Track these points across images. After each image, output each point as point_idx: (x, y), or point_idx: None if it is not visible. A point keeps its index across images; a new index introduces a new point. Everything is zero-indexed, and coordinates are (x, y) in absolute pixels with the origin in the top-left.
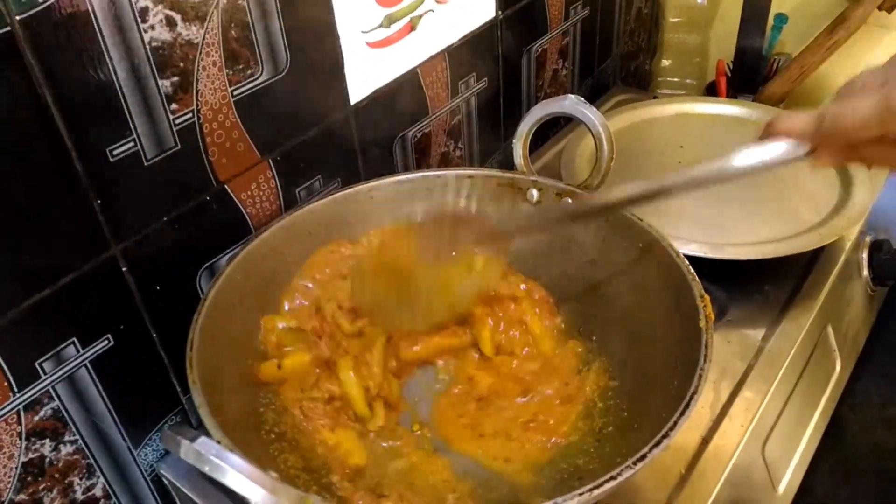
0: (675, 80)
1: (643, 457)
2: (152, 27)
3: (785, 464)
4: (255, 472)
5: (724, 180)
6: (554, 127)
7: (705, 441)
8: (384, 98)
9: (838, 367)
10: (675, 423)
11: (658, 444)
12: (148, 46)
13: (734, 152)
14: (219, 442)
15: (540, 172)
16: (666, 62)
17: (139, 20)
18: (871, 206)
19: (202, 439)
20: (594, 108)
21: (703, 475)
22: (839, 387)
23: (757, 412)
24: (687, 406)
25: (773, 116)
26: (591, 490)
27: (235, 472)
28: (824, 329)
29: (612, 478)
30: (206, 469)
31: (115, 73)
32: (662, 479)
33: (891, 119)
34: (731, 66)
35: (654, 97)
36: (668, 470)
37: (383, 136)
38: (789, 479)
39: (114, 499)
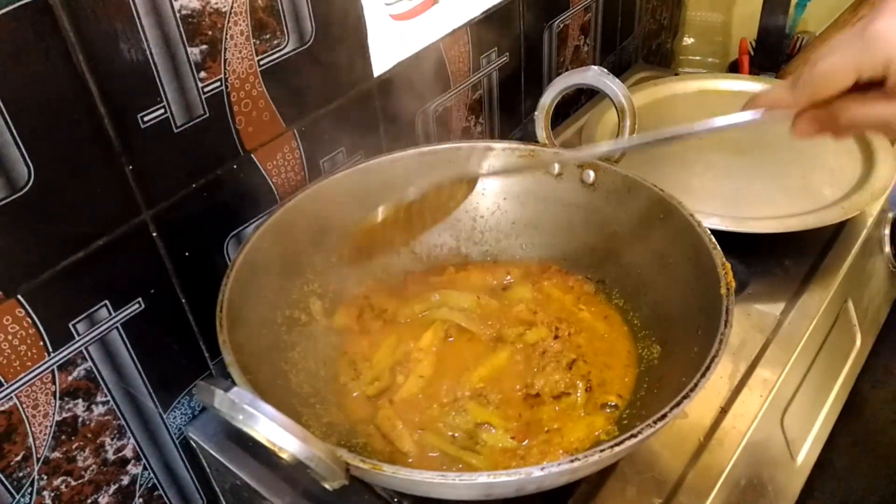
0: (697, 58)
1: (663, 416)
2: None
3: (804, 436)
4: (289, 423)
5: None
6: (574, 104)
7: (724, 411)
8: (407, 71)
9: (858, 342)
10: (696, 385)
11: (678, 404)
12: (178, 14)
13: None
14: None
15: (565, 144)
16: (688, 40)
17: None
18: (895, 182)
19: (236, 388)
20: (617, 80)
21: (720, 444)
22: (859, 361)
23: (775, 384)
24: (707, 368)
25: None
26: (612, 447)
27: (269, 421)
28: (845, 303)
29: (633, 436)
30: (240, 418)
31: (147, 40)
32: (680, 447)
33: (867, 52)
34: (754, 45)
35: (676, 75)
36: (686, 438)
37: (405, 110)
38: (808, 451)
39: (143, 460)
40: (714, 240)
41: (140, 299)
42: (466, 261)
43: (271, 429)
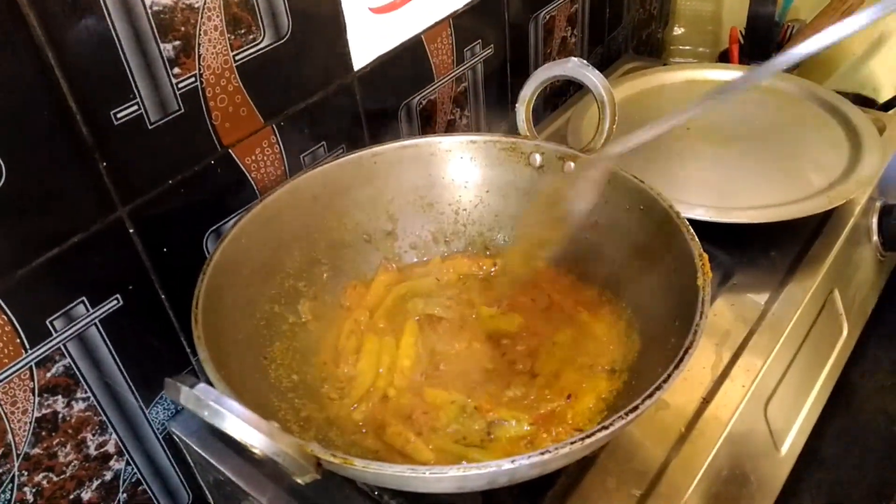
0: (688, 48)
1: (635, 408)
2: None
3: (788, 426)
4: (255, 418)
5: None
6: (562, 96)
7: (706, 401)
8: (388, 64)
9: (845, 332)
10: (669, 376)
11: (651, 395)
12: (149, 10)
13: None
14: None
15: (550, 138)
16: (678, 30)
17: None
18: (883, 170)
19: (202, 385)
20: (597, 71)
21: (702, 434)
22: (846, 351)
23: (758, 374)
24: (681, 360)
25: None
26: (582, 439)
27: (234, 418)
28: (831, 293)
29: (604, 427)
30: (206, 415)
31: (118, 37)
32: (662, 436)
33: None
34: (744, 34)
35: (665, 65)
36: (668, 428)
37: (388, 104)
38: (793, 440)
39: (126, 455)
40: (692, 230)
41: (118, 296)
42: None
43: (236, 425)
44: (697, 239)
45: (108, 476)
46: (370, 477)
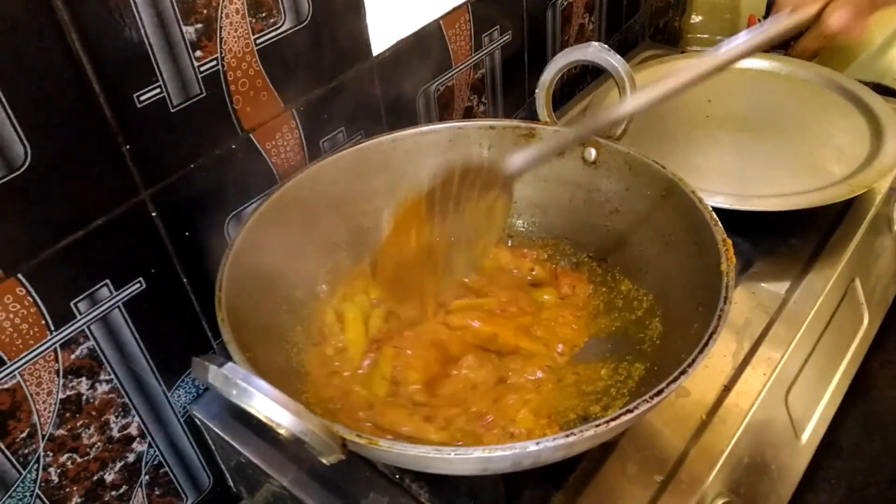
0: (706, 36)
1: (660, 391)
2: None
3: (808, 414)
4: (283, 398)
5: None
6: (580, 83)
7: (727, 389)
8: (407, 50)
9: (866, 321)
10: (694, 361)
11: (675, 379)
12: None
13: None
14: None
15: (571, 124)
16: (696, 18)
17: None
18: None
19: (230, 364)
20: (618, 56)
21: (723, 422)
22: (867, 340)
23: (779, 362)
24: (706, 344)
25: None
26: (607, 422)
27: (262, 396)
28: (852, 282)
29: (629, 411)
30: (234, 393)
31: (141, 19)
32: (682, 424)
33: None
34: (762, 22)
35: (682, 52)
36: (689, 416)
37: (406, 89)
38: (813, 429)
39: (149, 438)
40: (715, 216)
41: (141, 279)
42: None
43: (265, 404)
44: (721, 225)
45: (131, 458)
46: (393, 457)
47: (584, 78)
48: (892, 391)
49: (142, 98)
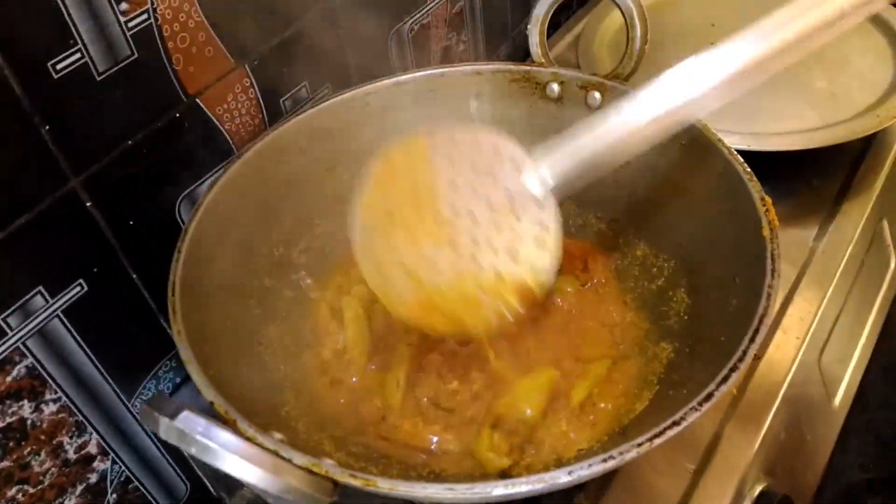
0: None
1: (709, 396)
2: None
3: (841, 374)
4: (252, 451)
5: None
6: (565, 12)
7: (757, 358)
8: None
9: (893, 264)
10: (745, 353)
11: (726, 379)
12: None
13: None
14: (212, 403)
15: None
16: None
17: None
18: None
19: (184, 414)
20: None
21: (757, 396)
22: (894, 285)
23: (813, 322)
24: (756, 331)
25: None
26: (650, 440)
27: (228, 453)
28: (879, 223)
29: (676, 423)
30: (193, 451)
31: None
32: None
33: None
34: None
35: None
36: None
37: (375, 32)
38: (845, 389)
39: (111, 454)
40: (749, 169)
41: (81, 281)
42: None
43: (233, 462)
44: (757, 180)
45: (93, 478)
46: (399, 495)
47: (569, 6)
48: None
49: (58, 67)
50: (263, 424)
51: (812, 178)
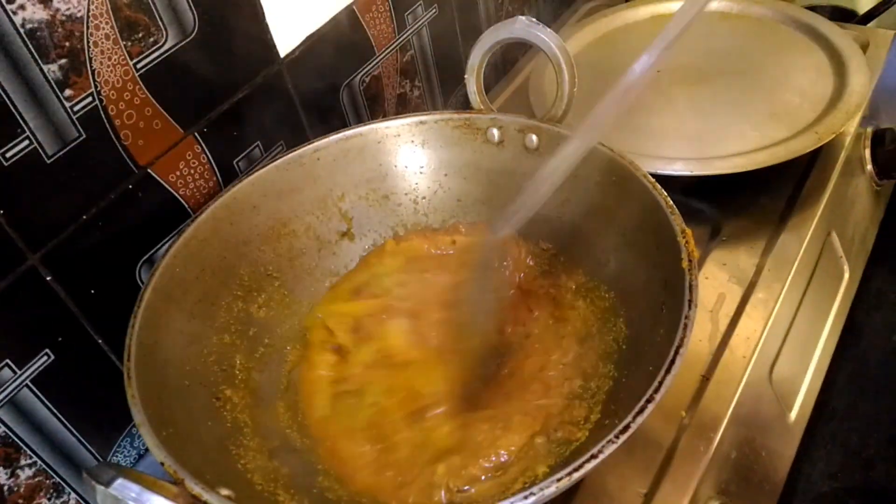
0: None
1: (626, 427)
2: (22, 7)
3: (796, 387)
4: None
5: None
6: (523, 47)
7: (706, 378)
8: (319, 44)
9: (847, 275)
10: (660, 384)
11: (641, 410)
12: (21, 30)
13: None
14: (162, 463)
15: (511, 103)
16: None
17: (2, 1)
18: (870, 92)
19: (119, 482)
20: (548, 29)
21: (705, 417)
22: (849, 295)
23: (759, 340)
24: (672, 363)
25: None
26: (569, 474)
27: None
28: (828, 236)
29: (593, 456)
30: None
31: None
32: (662, 426)
33: None
34: None
35: (626, 1)
36: (668, 414)
37: (326, 87)
38: (802, 400)
39: None
40: (671, 202)
41: (48, 350)
42: None
43: None
44: (678, 212)
45: None
46: None
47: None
48: (880, 339)
49: (7, 155)
50: (213, 481)
51: (760, 196)
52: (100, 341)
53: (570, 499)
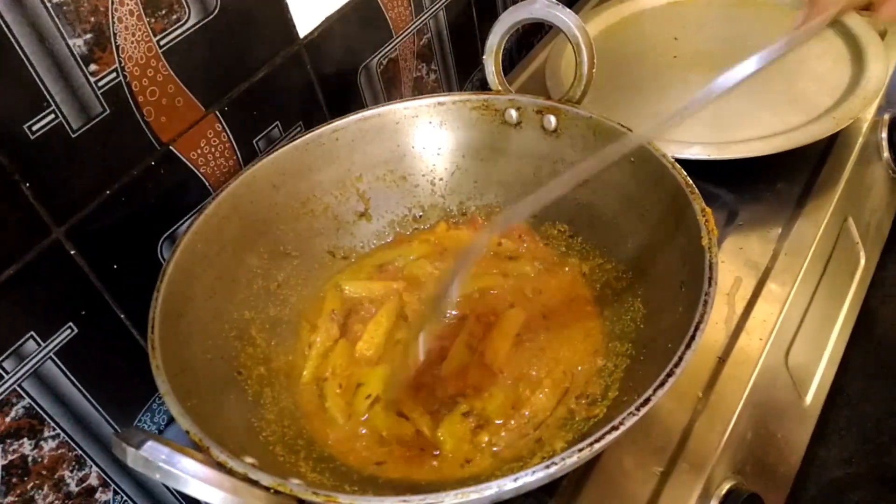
0: None
1: (647, 401)
2: None
3: (812, 372)
4: (212, 475)
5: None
6: (538, 33)
7: (721, 360)
8: (338, 25)
9: (863, 261)
10: (680, 359)
11: (662, 384)
12: (48, 3)
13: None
14: (187, 432)
15: (528, 85)
16: None
17: None
18: (888, 79)
19: (149, 444)
20: (567, 10)
21: (722, 398)
22: (865, 281)
23: (776, 324)
24: (692, 338)
25: None
26: (590, 444)
27: (190, 478)
28: (845, 221)
29: (615, 427)
30: (158, 477)
31: (15, 38)
32: (678, 406)
33: None
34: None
35: None
36: (684, 395)
37: (344, 69)
38: (818, 385)
39: (113, 485)
40: (691, 182)
41: (71, 324)
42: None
43: (195, 486)
44: (698, 192)
45: None
46: None
47: (541, 27)
48: (895, 328)
49: (34, 128)
50: (237, 450)
51: (777, 182)
52: (122, 316)
53: (588, 475)
